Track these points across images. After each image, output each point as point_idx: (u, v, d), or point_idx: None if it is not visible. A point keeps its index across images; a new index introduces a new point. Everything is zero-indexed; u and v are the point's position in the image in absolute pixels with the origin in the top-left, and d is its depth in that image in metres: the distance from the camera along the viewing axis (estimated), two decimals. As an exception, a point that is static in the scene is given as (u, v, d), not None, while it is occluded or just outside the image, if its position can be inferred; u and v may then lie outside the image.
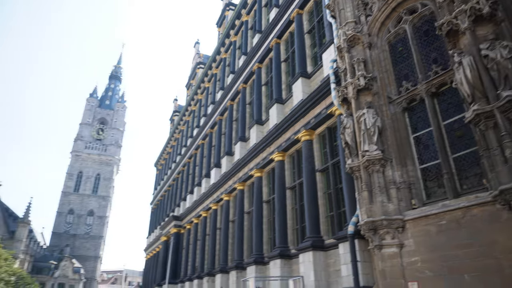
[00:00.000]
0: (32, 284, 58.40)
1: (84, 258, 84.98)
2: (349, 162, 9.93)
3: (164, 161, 46.43)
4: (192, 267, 25.70)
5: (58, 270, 74.05)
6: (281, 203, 14.78)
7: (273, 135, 16.11)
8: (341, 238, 10.33)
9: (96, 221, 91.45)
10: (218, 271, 19.21)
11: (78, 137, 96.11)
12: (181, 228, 30.56)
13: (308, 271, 11.31)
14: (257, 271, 14.85)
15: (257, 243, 15.96)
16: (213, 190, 23.43)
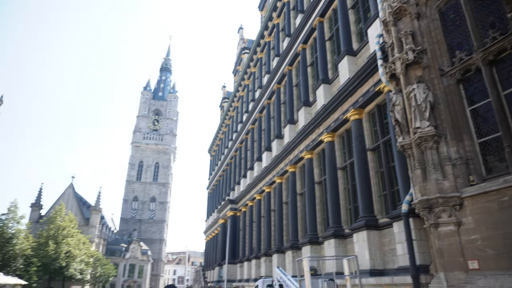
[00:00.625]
0: (107, 264, 64.14)
1: (150, 241, 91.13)
2: (400, 140, 9.68)
3: (217, 147, 47.91)
4: (249, 248, 26.66)
5: (129, 252, 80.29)
6: (332, 183, 14.79)
7: (321, 116, 16.01)
8: (395, 217, 10.21)
9: (158, 207, 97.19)
10: (275, 251, 19.80)
11: (136, 129, 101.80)
12: (237, 211, 31.67)
13: (363, 250, 11.35)
14: (312, 251, 15.14)
15: (311, 224, 16.19)
16: (265, 173, 23.92)
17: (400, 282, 9.43)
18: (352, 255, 10.22)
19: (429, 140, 8.94)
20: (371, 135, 13.23)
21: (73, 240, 48.71)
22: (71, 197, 72.78)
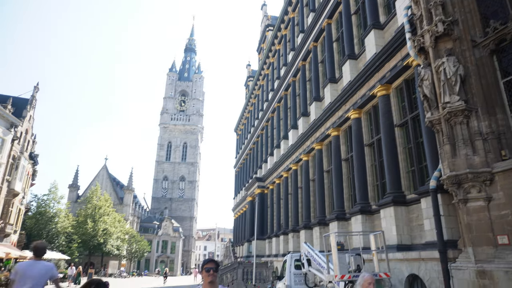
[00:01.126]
0: (141, 241, 67.27)
1: (181, 218, 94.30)
2: (428, 115, 9.50)
3: (243, 126, 48.25)
4: (277, 224, 27.19)
5: (161, 229, 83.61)
6: (359, 160, 14.75)
7: (347, 92, 15.82)
8: (423, 193, 10.16)
9: (187, 186, 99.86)
10: (302, 227, 20.15)
11: (163, 110, 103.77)
12: (264, 188, 32.16)
13: (390, 225, 11.41)
14: (339, 226, 15.32)
15: (338, 200, 16.31)
16: (292, 151, 24.05)
17: (427, 257, 9.48)
18: (379, 231, 10.32)
19: (459, 115, 8.73)
20: (399, 111, 13.01)
21: (109, 218, 51.30)
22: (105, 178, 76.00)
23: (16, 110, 28.83)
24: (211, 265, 3.06)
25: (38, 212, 43.24)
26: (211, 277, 3.00)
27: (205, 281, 2.94)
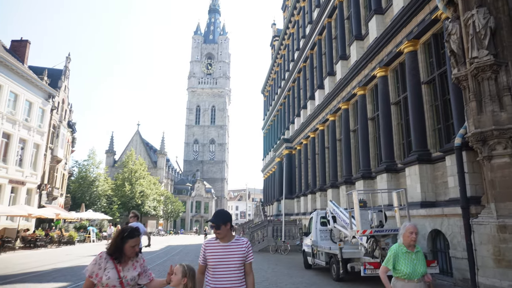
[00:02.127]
0: (176, 202, 70.61)
1: (212, 180, 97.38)
2: (455, 72, 9.29)
3: (270, 87, 48.00)
4: (305, 183, 27.77)
5: (194, 191, 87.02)
6: (385, 119, 14.65)
7: (374, 49, 15.42)
8: (448, 150, 10.13)
9: (217, 148, 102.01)
10: (329, 186, 20.56)
11: (190, 75, 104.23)
12: (292, 149, 32.54)
13: (414, 183, 11.54)
14: (364, 185, 15.58)
15: (364, 159, 16.44)
16: (318, 112, 24.00)
17: (450, 213, 9.65)
18: (401, 188, 10.50)
19: (487, 70, 8.50)
20: (426, 68, 12.66)
21: (144, 181, 53.90)
22: (138, 143, 78.90)
23: (52, 81, 30.09)
24: (213, 223, 3.02)
25: (80, 176, 46.15)
26: (216, 235, 3.01)
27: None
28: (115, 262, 2.76)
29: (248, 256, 3.06)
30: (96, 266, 2.73)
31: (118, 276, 2.72)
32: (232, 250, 3.02)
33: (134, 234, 2.80)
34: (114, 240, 2.78)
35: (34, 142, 27.29)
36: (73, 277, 10.38)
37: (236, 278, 2.98)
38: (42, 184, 28.90)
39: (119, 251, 2.76)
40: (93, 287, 2.74)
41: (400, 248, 3.88)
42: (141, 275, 2.88)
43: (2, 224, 23.37)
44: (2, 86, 23.28)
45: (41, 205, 28.60)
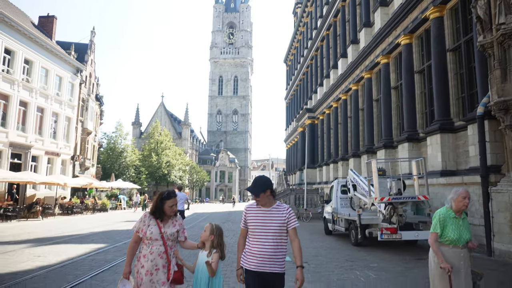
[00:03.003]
0: (200, 172, 72.52)
1: (236, 150, 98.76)
2: (480, 39, 9.09)
3: (293, 56, 47.32)
4: (327, 153, 27.96)
5: (218, 161, 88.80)
6: (409, 88, 14.49)
7: (398, 16, 15.01)
8: (471, 119, 10.08)
9: (240, 119, 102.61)
10: (351, 156, 20.72)
11: (212, 45, 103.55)
12: (314, 119, 32.53)
13: (435, 152, 11.59)
14: (386, 154, 15.67)
15: (386, 129, 16.43)
16: (341, 81, 23.77)
17: (469, 181, 9.74)
18: (420, 157, 10.61)
19: (514, 36, 8.29)
20: (452, 34, 12.31)
21: (170, 152, 55.46)
22: (163, 114, 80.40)
23: (79, 55, 30.92)
24: (251, 192, 3.07)
25: (108, 148, 48.04)
26: (256, 202, 3.07)
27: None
28: (157, 220, 3.22)
29: (290, 222, 3.00)
30: (142, 223, 3.21)
31: (159, 231, 3.18)
32: (273, 216, 3.01)
33: (171, 195, 3.25)
34: (155, 201, 3.25)
35: (66, 116, 28.52)
36: (109, 240, 11.30)
37: (274, 243, 2.96)
38: (75, 155, 30.42)
39: (159, 211, 3.21)
40: (139, 240, 3.24)
41: (449, 213, 3.73)
42: (179, 233, 3.33)
43: (41, 192, 25.04)
44: (34, 62, 24.22)
45: (75, 175, 30.25)
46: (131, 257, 3.22)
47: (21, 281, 5.96)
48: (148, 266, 3.12)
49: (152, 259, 3.13)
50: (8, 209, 18.90)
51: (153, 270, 3.11)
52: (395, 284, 6.05)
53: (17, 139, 22.58)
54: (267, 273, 2.95)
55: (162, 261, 3.15)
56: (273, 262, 2.96)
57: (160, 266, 3.14)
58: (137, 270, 3.15)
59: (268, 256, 2.96)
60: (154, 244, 3.17)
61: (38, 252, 8.91)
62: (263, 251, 2.97)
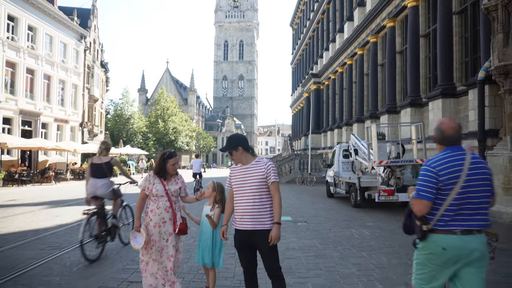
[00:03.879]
0: (207, 138, 73.19)
1: (242, 116, 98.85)
2: (485, 1, 9.00)
3: (299, 19, 46.22)
4: (332, 118, 28.09)
5: (224, 127, 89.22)
6: (414, 52, 14.39)
7: (405, -23, 14.64)
8: (472, 84, 10.15)
9: (246, 84, 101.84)
10: (355, 121, 20.89)
11: (217, 8, 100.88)
12: (320, 84, 32.37)
13: (437, 117, 11.72)
14: (389, 119, 15.82)
15: (389, 94, 16.48)
16: (347, 45, 23.47)
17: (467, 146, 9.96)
18: (419, 122, 10.78)
19: (518, -1, 8.21)
20: (459, -4, 12.08)
21: (176, 118, 55.85)
22: (168, 81, 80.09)
23: (81, 21, 30.57)
24: (223, 151, 3.22)
25: (116, 114, 48.51)
26: (233, 160, 3.12)
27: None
28: (161, 179, 3.57)
29: (269, 176, 2.93)
30: (147, 182, 3.56)
31: (164, 188, 3.54)
32: (251, 172, 3.00)
33: (172, 155, 3.58)
34: (158, 161, 3.57)
35: (72, 83, 28.72)
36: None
37: (254, 200, 2.94)
38: (83, 122, 30.93)
39: (162, 170, 3.55)
40: (146, 198, 3.61)
41: None
42: (181, 189, 3.69)
43: (52, 159, 25.79)
44: (38, 29, 24.14)
45: (84, 141, 30.90)
46: (140, 212, 3.60)
47: (43, 236, 6.50)
48: (156, 220, 3.51)
49: (159, 213, 3.51)
50: (23, 174, 19.66)
51: (160, 223, 3.51)
52: (386, 240, 6.49)
53: (26, 106, 22.99)
54: (250, 231, 2.94)
55: (168, 215, 3.54)
56: (254, 219, 2.93)
57: (167, 219, 3.53)
58: (146, 223, 3.54)
59: (249, 213, 2.95)
60: (160, 200, 3.54)
61: (55, 212, 9.50)
62: (244, 209, 2.97)
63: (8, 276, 4.29)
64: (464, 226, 2.24)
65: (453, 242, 2.22)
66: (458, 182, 2.24)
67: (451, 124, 2.39)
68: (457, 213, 2.25)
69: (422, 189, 2.28)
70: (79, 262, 4.90)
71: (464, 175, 2.25)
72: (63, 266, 4.73)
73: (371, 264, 4.95)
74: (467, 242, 2.22)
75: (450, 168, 2.27)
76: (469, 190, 2.25)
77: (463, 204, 2.25)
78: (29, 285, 3.98)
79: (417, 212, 2.33)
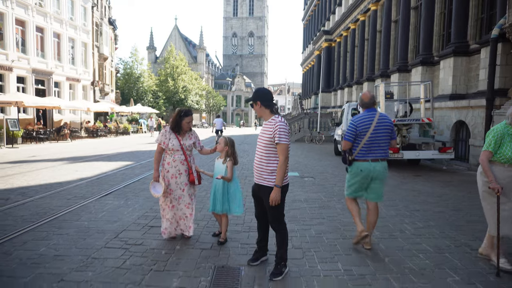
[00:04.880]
0: (217, 96, 73.06)
1: (252, 74, 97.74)
2: (503, -46, 8.65)
3: (311, -28, 44.31)
4: (343, 77, 27.79)
5: (234, 85, 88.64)
6: (429, 7, 13.97)
7: None
8: (485, 42, 10.00)
9: (256, 41, 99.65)
10: (365, 80, 20.72)
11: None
12: (331, 41, 31.67)
13: (447, 76, 11.67)
14: (400, 78, 15.71)
15: (402, 52, 16.21)
16: (360, 1, 22.72)
17: (475, 105, 10.01)
18: (428, 80, 10.77)
19: (538, -49, 7.90)
20: None
21: (186, 77, 55.58)
22: (177, 38, 78.79)
23: (88, -25, 29.84)
24: (247, 101, 3.25)
25: (125, 73, 48.43)
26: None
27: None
28: (176, 134, 3.88)
29: (275, 136, 2.93)
30: (163, 137, 3.87)
31: (179, 143, 3.86)
32: (264, 129, 3.07)
33: (188, 113, 3.87)
34: (174, 118, 3.87)
35: (82, 41, 28.63)
36: (135, 158, 12.42)
37: (262, 156, 3.04)
38: (94, 81, 31.16)
39: (178, 126, 3.85)
40: (162, 151, 3.94)
41: (507, 129, 3.28)
42: (195, 144, 4.01)
43: (66, 117, 26.38)
44: (44, -16, 23.76)
45: (96, 100, 31.31)
46: (158, 164, 3.96)
47: (67, 188, 7.02)
48: (173, 171, 3.87)
49: (175, 165, 3.87)
50: (40, 132, 20.32)
51: (177, 174, 3.87)
52: (388, 194, 6.83)
53: (38, 65, 23.21)
54: (258, 185, 3.15)
55: (184, 167, 3.89)
56: (260, 175, 3.08)
57: (183, 171, 3.89)
58: (163, 174, 3.91)
59: (256, 169, 3.12)
60: (176, 154, 3.87)
61: (74, 168, 10.05)
62: (255, 164, 3.16)
63: (44, 220, 4.79)
64: (372, 157, 3.75)
65: (366, 166, 3.75)
66: (368, 130, 3.72)
67: (368, 96, 3.89)
68: (369, 149, 3.74)
69: (347, 134, 3.80)
70: (103, 210, 5.39)
71: (373, 126, 3.72)
72: (89, 213, 5.21)
73: (371, 215, 5.32)
74: (374, 166, 3.75)
75: (364, 122, 3.75)
76: (376, 135, 3.73)
77: (372, 143, 3.74)
78: (62, 227, 4.46)
79: (343, 148, 3.88)
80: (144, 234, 4.30)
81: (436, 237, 4.30)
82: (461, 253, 3.75)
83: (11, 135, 17.70)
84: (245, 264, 3.39)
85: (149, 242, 4.00)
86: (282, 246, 3.17)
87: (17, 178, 8.20)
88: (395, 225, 4.80)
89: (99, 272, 3.17)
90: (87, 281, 2.99)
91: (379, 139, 3.73)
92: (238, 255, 3.63)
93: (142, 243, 3.96)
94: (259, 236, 3.39)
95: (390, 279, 3.11)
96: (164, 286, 2.94)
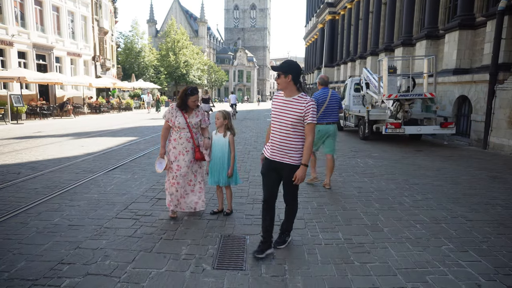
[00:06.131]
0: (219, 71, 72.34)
1: (254, 48, 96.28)
2: None
3: None
4: (346, 51, 27.44)
5: (236, 60, 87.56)
6: (435, -21, 13.65)
7: None
8: (491, 15, 9.84)
9: (258, 14, 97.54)
10: (369, 54, 20.48)
11: None
12: (335, 14, 31.06)
13: (452, 50, 11.56)
14: (404, 52, 15.54)
15: (406, 25, 15.96)
16: (365, -29, 22.16)
17: (479, 79, 9.98)
18: (432, 55, 10.68)
19: None
20: None
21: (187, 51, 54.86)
22: (178, 11, 77.21)
23: None
24: (274, 69, 2.99)
25: (126, 48, 47.83)
26: (277, 86, 3.03)
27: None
28: (182, 112, 3.95)
29: (307, 116, 2.87)
30: (170, 114, 3.94)
31: (185, 121, 3.93)
32: (291, 106, 2.93)
33: (193, 92, 3.92)
34: (180, 96, 3.92)
35: (81, 14, 28.19)
36: (139, 134, 12.57)
37: (287, 135, 2.94)
38: (95, 56, 30.89)
39: (184, 104, 3.91)
40: (169, 127, 4.02)
41: None
42: (201, 122, 4.09)
43: (69, 93, 26.36)
44: (41, -45, 23.18)
45: (97, 75, 31.15)
46: (164, 140, 4.06)
47: (75, 162, 7.20)
48: (180, 148, 3.96)
49: (182, 143, 3.95)
50: (43, 107, 20.39)
51: (184, 151, 3.97)
52: (388, 168, 6.99)
53: (38, 40, 22.99)
54: (278, 162, 3.01)
55: (190, 144, 3.99)
56: (284, 153, 2.97)
57: (189, 148, 3.99)
58: (169, 149, 4.03)
59: (279, 146, 2.98)
60: (182, 131, 3.95)
61: (80, 143, 10.21)
62: (276, 141, 3.00)
63: (55, 193, 4.98)
64: (327, 121, 5.52)
65: (323, 128, 5.52)
66: (325, 102, 5.46)
67: (324, 77, 5.74)
68: (325, 115, 5.50)
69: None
70: (111, 183, 5.56)
71: (328, 99, 5.46)
72: (98, 186, 5.39)
73: (371, 188, 5.50)
74: (328, 127, 5.55)
75: (321, 96, 5.49)
76: (329, 106, 5.49)
77: (327, 111, 5.50)
78: (74, 199, 4.65)
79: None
80: (152, 206, 4.48)
81: (433, 208, 4.46)
82: (457, 224, 3.91)
83: (15, 111, 17.79)
84: (250, 233, 3.56)
85: (158, 213, 4.18)
86: (290, 219, 3.29)
87: (25, 153, 8.38)
88: (395, 198, 4.95)
89: (112, 240, 3.36)
90: (102, 248, 3.18)
91: (331, 109, 5.51)
92: (243, 225, 3.81)
93: (151, 214, 4.15)
94: (266, 222, 3.13)
95: (388, 247, 3.28)
96: (175, 252, 3.12)
